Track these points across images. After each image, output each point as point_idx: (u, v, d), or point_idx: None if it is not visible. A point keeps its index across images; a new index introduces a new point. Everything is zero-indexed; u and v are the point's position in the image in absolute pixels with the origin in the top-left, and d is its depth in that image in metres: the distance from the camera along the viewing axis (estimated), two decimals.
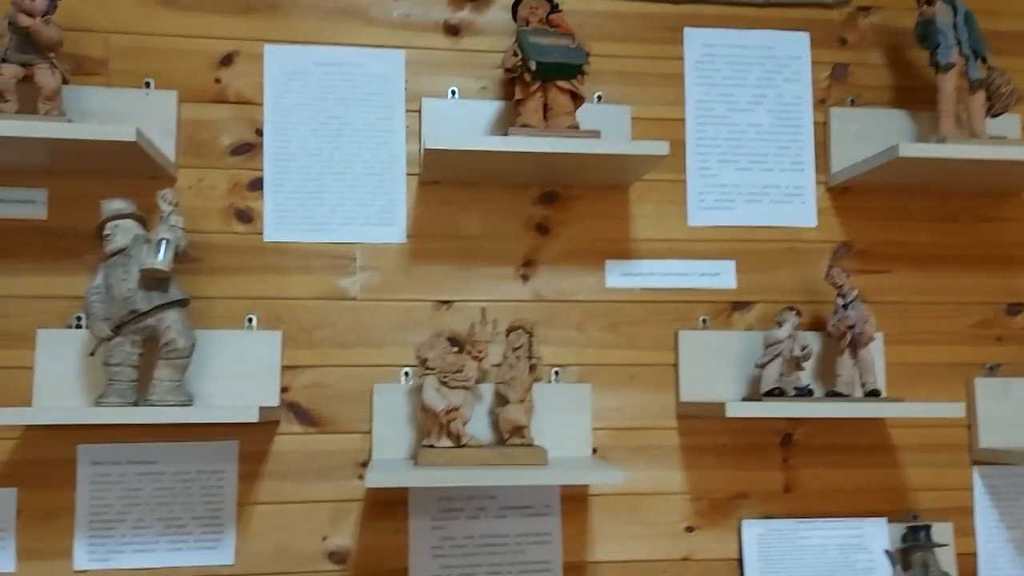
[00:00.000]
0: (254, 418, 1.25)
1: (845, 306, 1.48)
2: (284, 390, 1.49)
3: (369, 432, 1.49)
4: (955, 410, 1.38)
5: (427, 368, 1.39)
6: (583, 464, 1.39)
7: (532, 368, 1.43)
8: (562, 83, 1.41)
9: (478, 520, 1.52)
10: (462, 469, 1.32)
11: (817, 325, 1.59)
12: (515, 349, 1.44)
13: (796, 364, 1.47)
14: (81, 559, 1.41)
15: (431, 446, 1.38)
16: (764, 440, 1.59)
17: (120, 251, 1.31)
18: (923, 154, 1.43)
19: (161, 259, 1.26)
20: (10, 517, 1.40)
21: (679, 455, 1.57)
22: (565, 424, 1.52)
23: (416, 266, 1.54)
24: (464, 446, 1.38)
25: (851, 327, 1.46)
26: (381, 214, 1.54)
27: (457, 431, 1.37)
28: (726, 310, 1.60)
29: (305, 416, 1.49)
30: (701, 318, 1.60)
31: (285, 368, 1.49)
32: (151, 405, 1.29)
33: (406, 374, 1.52)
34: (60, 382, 1.40)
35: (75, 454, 1.43)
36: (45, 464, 1.42)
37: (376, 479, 1.28)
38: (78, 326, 1.43)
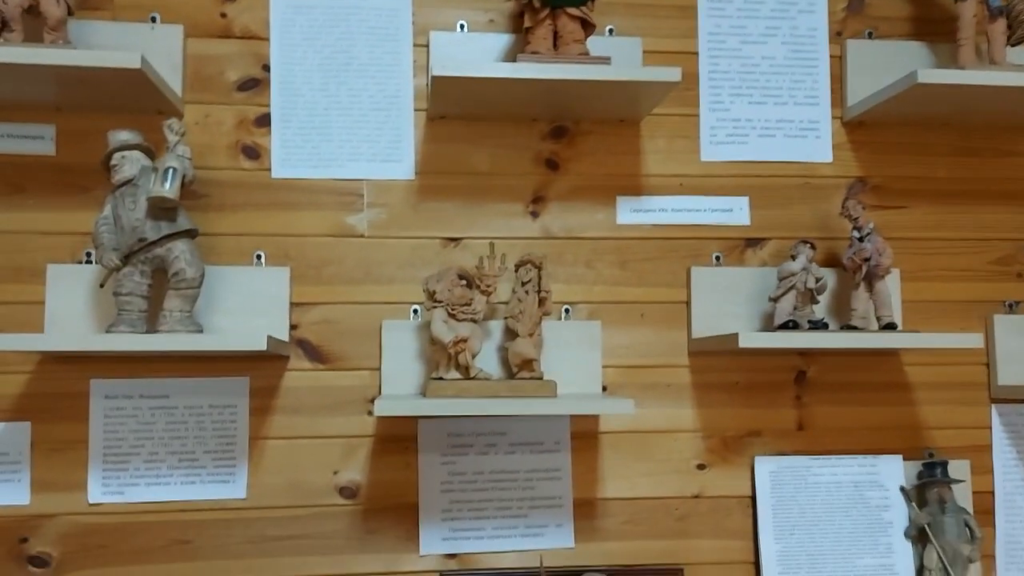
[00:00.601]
0: (262, 346, 1.25)
1: (861, 238, 1.45)
2: (293, 327, 1.49)
3: (378, 369, 1.49)
4: (973, 340, 1.36)
5: (435, 301, 1.38)
6: (593, 397, 1.38)
7: (541, 301, 1.42)
8: (572, 10, 1.39)
9: (488, 456, 1.51)
10: (470, 399, 1.31)
11: (832, 262, 1.56)
12: (524, 283, 1.43)
13: (810, 297, 1.45)
14: (95, 492, 1.43)
15: (439, 378, 1.37)
16: (777, 378, 1.57)
17: (128, 182, 1.31)
18: (942, 80, 1.39)
19: (168, 187, 1.26)
20: (24, 450, 1.42)
21: (690, 393, 1.56)
22: (575, 362, 1.51)
23: (424, 203, 1.53)
24: (473, 379, 1.38)
25: (867, 259, 1.43)
26: (388, 150, 1.53)
27: (466, 363, 1.37)
28: (739, 247, 1.58)
29: (314, 352, 1.49)
30: (714, 255, 1.57)
31: (294, 305, 1.49)
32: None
33: (415, 311, 1.51)
34: (71, 317, 1.41)
35: (88, 388, 1.44)
36: (58, 398, 1.43)
37: (384, 407, 1.28)
38: (88, 261, 1.43)
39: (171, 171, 1.27)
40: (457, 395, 1.34)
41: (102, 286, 1.33)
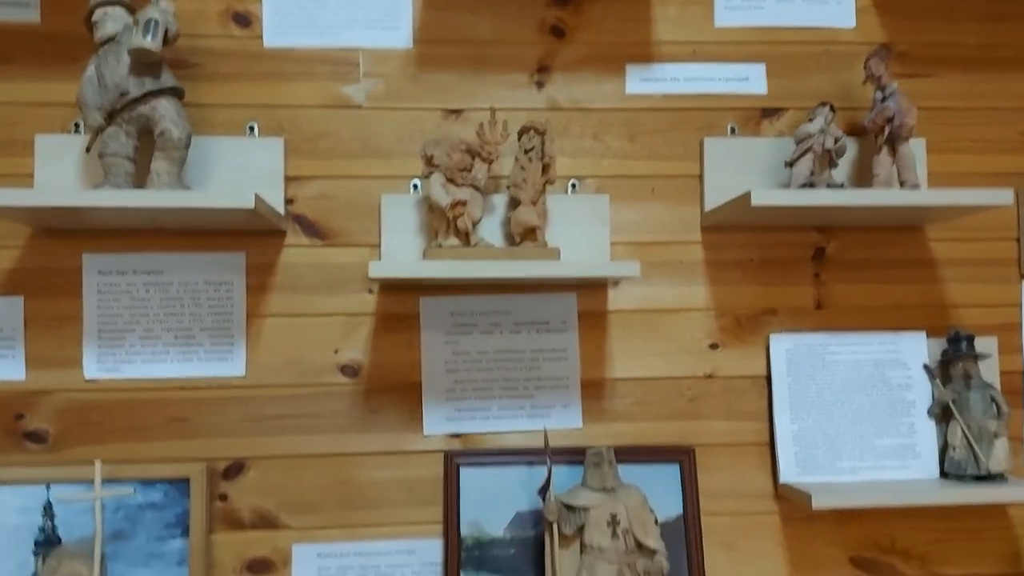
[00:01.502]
0: (250, 204, 1.20)
1: (884, 99, 1.37)
2: (289, 202, 1.44)
3: (378, 246, 1.44)
4: (1003, 197, 1.28)
5: (432, 165, 1.32)
6: (597, 262, 1.32)
7: (545, 168, 1.35)
8: None
9: (492, 336, 1.47)
10: (469, 261, 1.26)
11: (853, 132, 1.48)
12: (527, 151, 1.36)
13: (829, 160, 1.37)
14: (91, 368, 1.40)
15: (439, 246, 1.32)
16: (794, 254, 1.50)
17: (110, 39, 1.25)
18: None
19: (150, 39, 1.20)
20: (18, 325, 1.39)
21: (703, 270, 1.50)
22: (582, 238, 1.45)
23: (423, 73, 1.47)
24: (473, 247, 1.32)
25: (889, 119, 1.35)
26: (386, 17, 1.46)
27: (465, 228, 1.31)
28: (755, 117, 1.50)
29: (312, 228, 1.45)
30: (729, 126, 1.50)
31: (289, 179, 1.44)
32: None
33: (415, 186, 1.45)
34: (60, 188, 1.36)
35: (80, 263, 1.40)
36: (51, 273, 1.40)
37: (380, 269, 1.23)
38: (77, 131, 1.39)
39: (153, 23, 1.21)
40: (456, 259, 1.28)
41: (88, 150, 1.29)
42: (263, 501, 1.41)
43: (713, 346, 1.49)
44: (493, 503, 1.41)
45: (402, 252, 1.41)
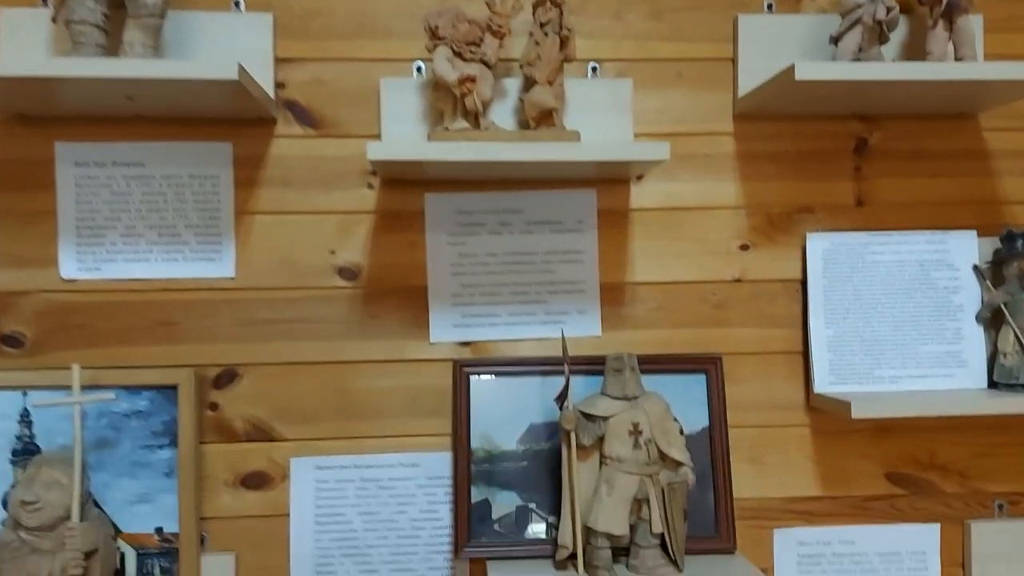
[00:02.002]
0: (233, 75, 1.08)
1: None
2: (280, 86, 1.32)
3: (377, 135, 1.32)
4: None
5: (437, 38, 1.19)
6: (620, 143, 1.20)
7: (563, 43, 1.22)
8: None
9: (501, 236, 1.36)
10: (478, 143, 1.14)
11: (903, 9, 1.33)
12: (542, 25, 1.23)
13: (880, 34, 1.23)
14: (69, 267, 1.30)
15: (445, 129, 1.20)
16: (834, 146, 1.38)
17: None
18: None
19: None
20: None
21: (733, 164, 1.37)
22: (602, 126, 1.32)
23: None
24: (484, 130, 1.20)
25: None
26: None
27: (474, 108, 1.19)
28: None
29: (305, 116, 1.33)
30: (765, 2, 1.36)
31: (280, 61, 1.31)
32: None
33: (418, 69, 1.33)
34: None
35: (54, 153, 1.29)
36: (22, 164, 1.29)
37: (380, 150, 1.11)
38: (44, 3, 1.26)
39: None
40: (463, 141, 1.16)
41: (54, 20, 1.16)
42: (257, 411, 1.32)
43: (743, 247, 1.37)
44: (505, 415, 1.31)
45: (404, 141, 1.29)
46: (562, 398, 1.20)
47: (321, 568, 1.32)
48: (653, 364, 1.32)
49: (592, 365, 1.29)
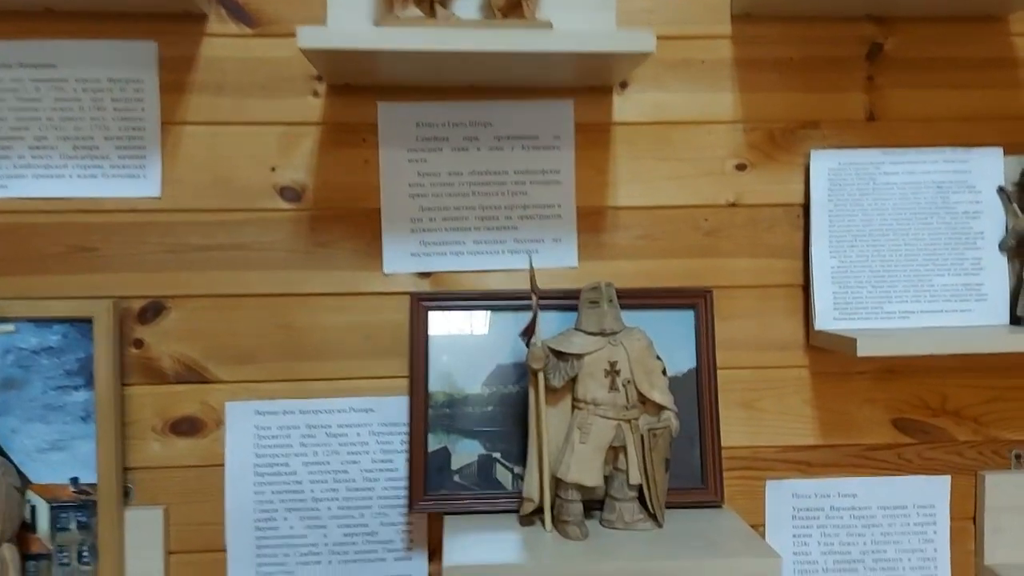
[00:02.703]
0: None
1: None
2: None
3: None
4: None
5: None
6: (600, 33, 1.05)
7: None
8: None
9: (467, 152, 1.21)
10: (438, 29, 0.99)
11: None
12: None
13: None
14: None
15: (396, 17, 1.05)
16: (843, 52, 1.23)
17: None
18: None
19: None
20: None
21: (731, 72, 1.23)
22: (581, 25, 1.16)
23: None
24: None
25: None
26: None
27: None
28: None
29: (240, 12, 1.17)
30: None
31: None
32: None
33: None
34: None
35: None
36: None
37: (314, 37, 0.96)
38: None
39: None
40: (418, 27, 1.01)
41: None
42: (188, 349, 1.19)
43: (740, 167, 1.23)
44: (468, 355, 1.19)
45: (344, 28, 1.14)
46: (529, 333, 1.07)
47: (262, 523, 1.20)
48: (636, 298, 1.19)
49: (567, 299, 1.16)
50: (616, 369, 1.07)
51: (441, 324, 1.19)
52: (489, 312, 1.20)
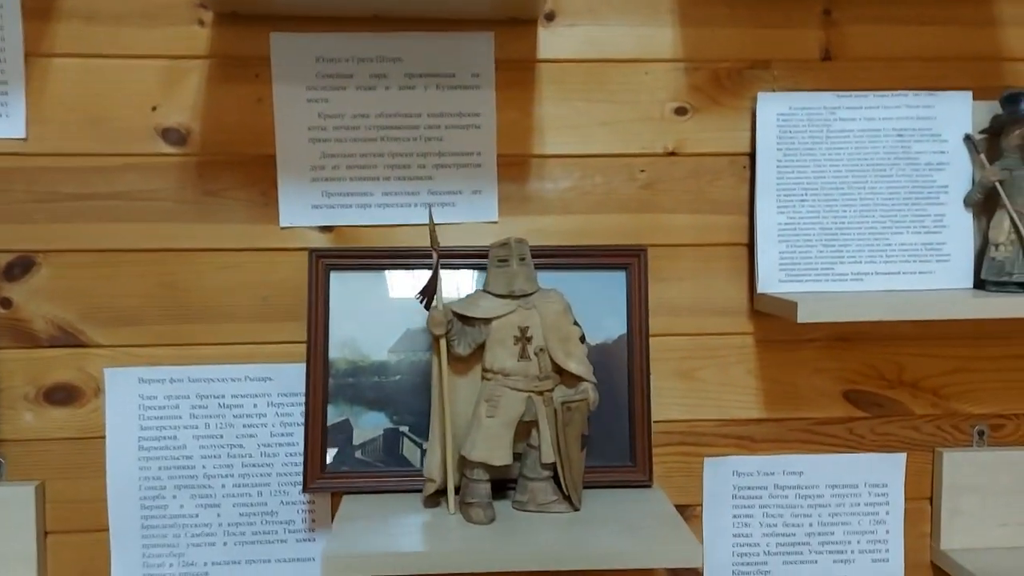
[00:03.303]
0: None
1: None
2: None
3: None
4: None
5: None
6: None
7: None
8: None
9: (374, 92, 1.10)
10: None
11: None
12: None
13: None
14: None
15: None
16: None
17: None
18: None
19: None
20: None
21: (671, 5, 1.12)
22: None
23: None
24: None
25: None
26: None
27: None
28: None
29: None
30: None
31: None
32: None
33: None
34: None
35: None
36: None
37: None
38: None
39: None
40: None
41: None
42: (62, 310, 1.08)
43: (680, 111, 1.12)
44: (374, 318, 1.08)
45: None
46: (428, 294, 0.96)
47: (148, 501, 1.11)
48: (562, 257, 1.09)
49: (484, 259, 1.05)
50: (527, 336, 0.97)
51: (344, 284, 1.08)
52: (399, 271, 1.09)
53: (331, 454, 1.07)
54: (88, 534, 1.11)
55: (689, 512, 1.16)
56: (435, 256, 0.96)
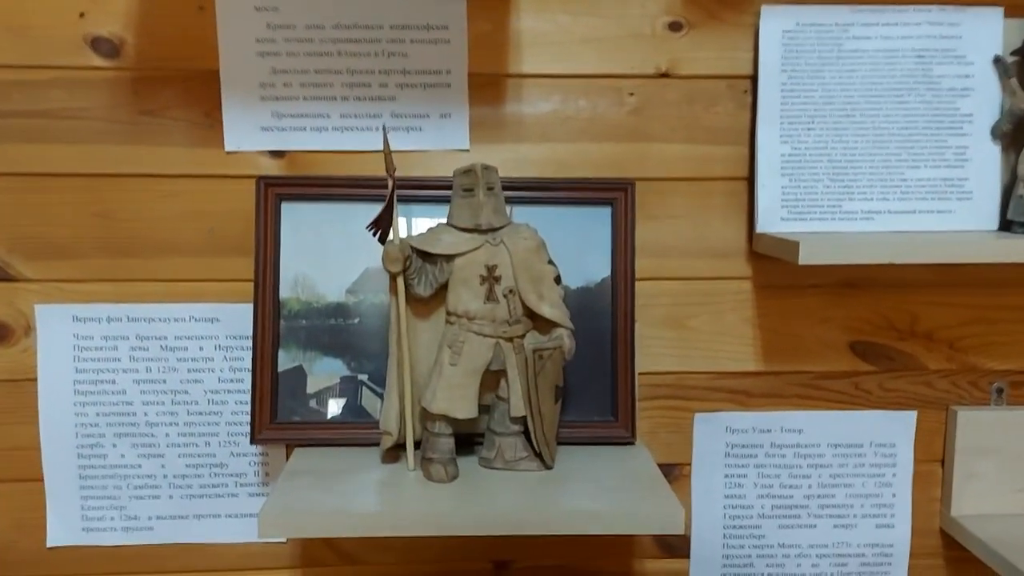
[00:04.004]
0: None
1: None
2: None
3: None
4: None
5: None
6: None
7: None
8: None
9: (329, 0, 0.99)
10: None
11: None
12: None
13: None
14: None
15: None
16: None
17: None
18: None
19: None
20: None
21: None
22: None
23: None
24: None
25: None
26: None
27: None
28: None
29: None
30: None
31: None
32: None
33: None
34: None
35: None
36: None
37: None
38: None
39: None
40: None
41: None
42: None
43: (674, 26, 1.02)
44: (331, 255, 1.00)
45: None
46: (382, 226, 0.87)
47: (86, 450, 1.04)
48: (540, 191, 1.01)
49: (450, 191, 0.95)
50: (495, 275, 0.88)
51: (296, 216, 0.99)
52: (358, 204, 1.00)
53: (282, 403, 0.99)
54: (21, 483, 1.04)
55: (677, 472, 1.08)
56: (391, 182, 0.87)
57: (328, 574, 1.09)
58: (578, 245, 1.00)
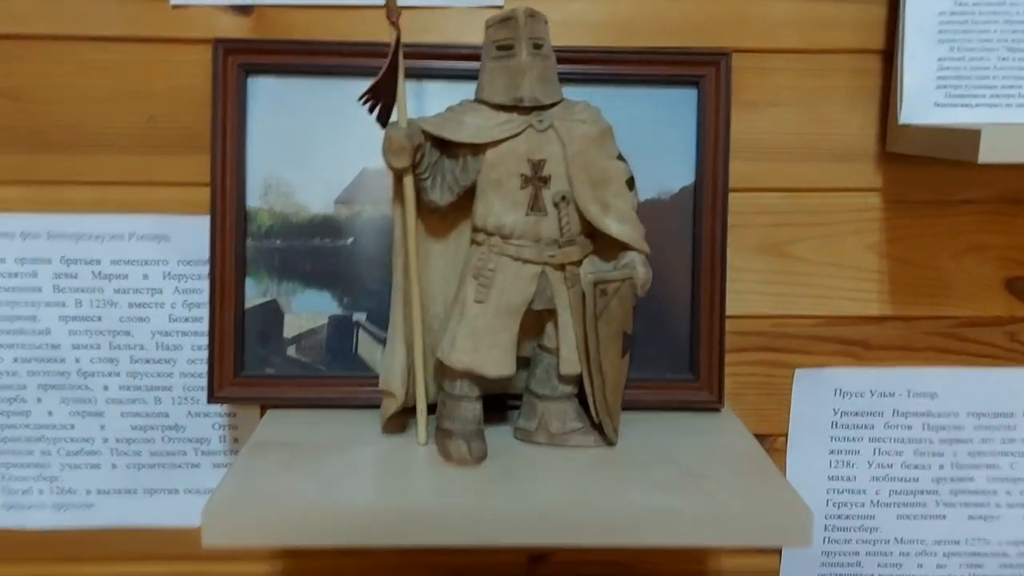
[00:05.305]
0: None
1: None
2: None
3: None
4: None
5: None
6: None
7: None
8: None
9: None
10: None
11: None
12: None
13: None
14: None
15: None
16: None
17: None
18: None
19: None
20: None
21: None
22: None
23: None
24: None
25: None
26: None
27: None
28: None
29: None
30: None
31: None
32: None
33: None
34: None
35: None
36: None
37: None
38: None
39: None
40: None
41: None
42: None
43: None
44: (315, 150, 0.75)
45: None
46: (382, 97, 0.61)
47: (3, 405, 0.82)
48: (599, 64, 0.74)
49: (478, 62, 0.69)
50: (542, 174, 0.63)
51: (269, 96, 0.74)
52: (351, 79, 0.74)
53: (250, 350, 0.75)
54: None
55: (767, 445, 0.85)
56: (395, 33, 0.61)
57: (323, 567, 0.87)
58: (649, 142, 0.75)
